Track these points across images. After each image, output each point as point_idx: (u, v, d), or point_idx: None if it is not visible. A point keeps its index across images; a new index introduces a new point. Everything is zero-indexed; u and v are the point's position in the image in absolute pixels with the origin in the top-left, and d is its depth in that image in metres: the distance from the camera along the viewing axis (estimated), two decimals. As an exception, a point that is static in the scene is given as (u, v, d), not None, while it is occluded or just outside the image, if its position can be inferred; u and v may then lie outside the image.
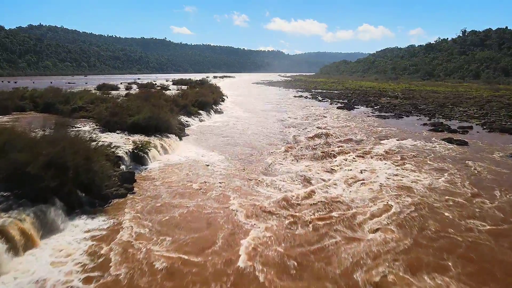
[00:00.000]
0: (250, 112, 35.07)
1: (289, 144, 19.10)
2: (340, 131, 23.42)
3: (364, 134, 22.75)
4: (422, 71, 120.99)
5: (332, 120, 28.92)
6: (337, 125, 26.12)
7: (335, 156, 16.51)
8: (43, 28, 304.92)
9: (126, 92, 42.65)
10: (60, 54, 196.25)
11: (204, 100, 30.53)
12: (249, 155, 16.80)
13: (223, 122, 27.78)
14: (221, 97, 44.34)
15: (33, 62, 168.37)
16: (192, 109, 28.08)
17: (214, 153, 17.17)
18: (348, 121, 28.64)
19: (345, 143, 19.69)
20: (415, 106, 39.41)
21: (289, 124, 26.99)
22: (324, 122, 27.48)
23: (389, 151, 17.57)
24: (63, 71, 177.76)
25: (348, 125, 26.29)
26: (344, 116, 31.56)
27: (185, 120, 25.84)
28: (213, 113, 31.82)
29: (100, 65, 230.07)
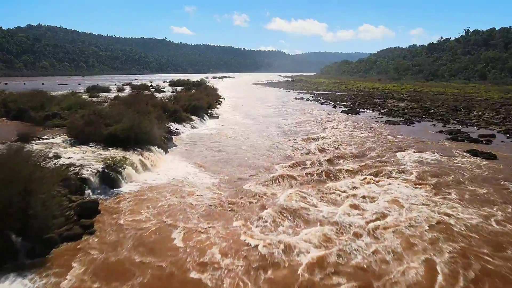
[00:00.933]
0: (248, 117, 32.38)
1: (290, 160, 16.03)
2: (347, 142, 20.79)
3: (376, 144, 20.14)
4: (425, 71, 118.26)
5: (337, 128, 26.19)
6: (344, 134, 23.42)
7: (342, 177, 13.84)
8: (42, 28, 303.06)
9: (116, 94, 40.16)
10: (58, 55, 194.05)
11: (198, 105, 27.95)
12: (244, 179, 13.48)
13: (218, 130, 25.14)
14: (217, 100, 41.80)
15: (30, 62, 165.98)
16: (184, 115, 25.51)
17: (204, 174, 14.35)
18: (355, 128, 25.96)
19: (355, 158, 17.06)
20: (425, 110, 36.79)
21: (291, 132, 24.11)
22: (329, 131, 24.74)
23: (409, 169, 14.92)
24: (61, 72, 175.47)
25: (356, 134, 23.65)
26: (350, 122, 28.91)
27: (174, 128, 23.28)
28: (208, 119, 29.23)
29: (99, 66, 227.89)
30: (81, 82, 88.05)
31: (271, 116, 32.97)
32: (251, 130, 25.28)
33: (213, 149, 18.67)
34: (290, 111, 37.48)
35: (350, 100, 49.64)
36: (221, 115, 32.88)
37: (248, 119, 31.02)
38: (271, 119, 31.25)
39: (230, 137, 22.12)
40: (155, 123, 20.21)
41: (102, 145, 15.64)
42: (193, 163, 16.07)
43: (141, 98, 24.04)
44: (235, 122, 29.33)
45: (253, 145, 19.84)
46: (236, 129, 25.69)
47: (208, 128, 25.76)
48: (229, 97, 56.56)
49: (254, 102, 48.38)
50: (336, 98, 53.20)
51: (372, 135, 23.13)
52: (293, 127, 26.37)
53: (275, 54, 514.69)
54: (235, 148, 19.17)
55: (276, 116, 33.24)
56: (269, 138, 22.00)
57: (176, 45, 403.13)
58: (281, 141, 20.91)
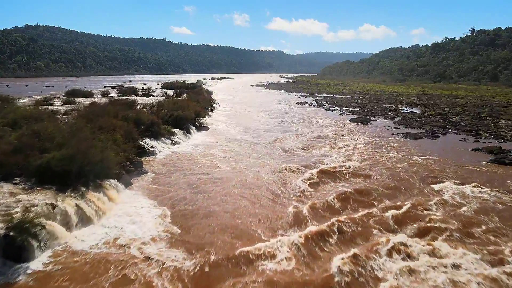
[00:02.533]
0: (244, 130, 27.25)
1: (304, 226, 10.14)
2: (367, 170, 16.20)
3: (404, 173, 15.60)
4: (432, 72, 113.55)
5: (352, 146, 20.96)
6: (360, 157, 18.44)
7: (376, 242, 9.08)
8: (40, 28, 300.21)
9: (97, 100, 35.85)
10: (54, 55, 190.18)
11: (182, 115, 23.47)
12: (227, 259, 8.32)
13: (205, 148, 20.51)
14: (210, 106, 37.39)
15: (24, 63, 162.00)
16: (163, 129, 21.05)
17: (169, 238, 9.48)
18: (371, 146, 21.12)
19: (385, 200, 12.56)
20: (445, 118, 32.28)
21: (299, 159, 17.83)
22: (343, 152, 19.53)
23: (464, 221, 10.41)
24: (56, 73, 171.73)
25: (375, 155, 19.06)
26: (364, 137, 24.25)
27: (149, 146, 18.83)
28: (194, 132, 24.76)
29: (96, 66, 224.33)
30: (72, 83, 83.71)
31: (271, 130, 27.28)
32: (245, 152, 19.63)
33: (191, 186, 13.61)
34: (293, 121, 31.90)
35: (357, 105, 45.13)
36: (212, 126, 28.40)
37: (244, 133, 25.71)
38: (272, 134, 25.45)
39: (218, 165, 16.82)
40: (120, 143, 15.89)
41: (33, 181, 11.26)
42: (161, 207, 11.53)
43: (110, 110, 19.56)
44: (228, 136, 24.30)
45: (249, 184, 13.84)
46: (228, 148, 20.45)
47: (193, 145, 21.22)
48: (225, 101, 52.16)
49: (252, 108, 43.49)
50: (342, 103, 48.69)
51: (394, 156, 18.53)
52: (298, 149, 20.25)
53: (276, 54, 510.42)
54: (224, 187, 13.50)
55: (278, 128, 27.98)
56: (271, 170, 15.80)
57: (176, 45, 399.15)
58: (288, 178, 14.65)
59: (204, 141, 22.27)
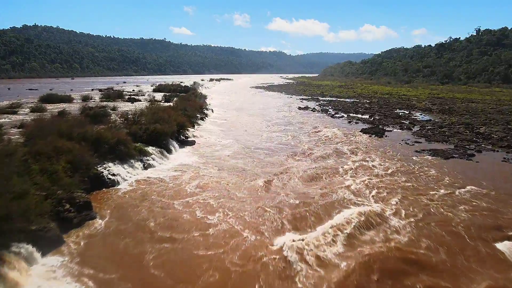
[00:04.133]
0: (238, 149, 21.53)
1: None
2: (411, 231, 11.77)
3: (463, 229, 11.24)
4: (439, 73, 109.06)
5: (373, 177, 15.56)
6: (391, 196, 13.48)
7: None
8: (38, 28, 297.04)
9: (74, 106, 31.88)
10: (50, 55, 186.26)
11: (160, 129, 19.14)
12: None
13: (183, 174, 16.11)
14: (201, 113, 33.11)
15: (18, 63, 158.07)
16: (133, 148, 16.75)
17: None
18: (399, 174, 16.35)
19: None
20: (471, 128, 27.93)
21: (313, 208, 11.98)
22: (365, 189, 14.02)
23: None
24: (52, 73, 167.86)
25: (409, 193, 14.54)
26: (383, 155, 19.82)
27: (110, 173, 14.55)
28: (176, 149, 20.45)
29: (94, 67, 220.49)
30: (61, 85, 79.48)
31: (274, 150, 21.18)
32: (241, 197, 13.08)
33: (150, 254, 9.14)
34: (299, 135, 26.30)
35: (365, 111, 40.77)
36: (201, 139, 24.08)
37: (240, 154, 20.02)
38: (275, 157, 19.23)
39: (196, 214, 11.42)
40: (61, 177, 11.65)
41: None
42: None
43: (62, 126, 15.23)
44: (217, 159, 19.01)
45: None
46: (215, 181, 14.96)
47: (170, 169, 16.88)
48: (221, 105, 47.85)
49: (251, 115, 38.70)
50: (348, 108, 44.32)
51: (437, 194, 13.77)
52: (314, 184, 14.57)
53: (276, 54, 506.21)
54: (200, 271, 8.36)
55: (281, 148, 21.78)
56: (264, 219, 11.11)
57: (175, 46, 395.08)
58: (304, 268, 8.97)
59: (185, 164, 17.85)
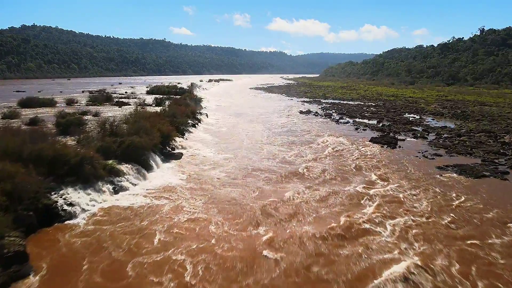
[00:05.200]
0: (231, 162, 18.70)
1: None
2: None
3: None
4: (443, 74, 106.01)
5: (402, 218, 11.64)
6: (441, 254, 9.84)
7: None
8: (36, 29, 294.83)
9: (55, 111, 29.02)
10: (47, 56, 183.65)
11: (138, 143, 16.18)
12: None
13: (158, 205, 12.97)
14: (193, 119, 30.19)
15: (14, 64, 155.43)
16: (102, 167, 13.83)
17: None
18: (434, 212, 12.70)
19: None
20: (495, 137, 24.99)
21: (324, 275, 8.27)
22: (402, 240, 10.54)
23: None
24: (49, 74, 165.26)
25: (458, 248, 11.64)
26: (404, 175, 16.63)
27: (67, 202, 11.64)
28: (158, 164, 17.52)
29: (92, 67, 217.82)
30: (55, 86, 76.57)
31: (274, 172, 16.76)
32: (230, 260, 8.95)
33: None
34: (304, 149, 21.97)
35: (372, 116, 37.81)
36: (189, 151, 21.11)
37: (233, 177, 16.16)
38: (275, 187, 14.71)
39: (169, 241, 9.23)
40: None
41: None
42: None
43: (8, 143, 12.32)
44: (206, 180, 15.51)
45: None
46: (201, 216, 11.61)
47: (146, 194, 13.92)
48: (218, 109, 44.95)
49: (249, 121, 35.11)
50: (353, 112, 41.33)
51: (485, 238, 10.73)
52: (331, 240, 9.92)
53: (277, 55, 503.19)
54: None
55: (284, 168, 17.35)
56: None
57: (175, 46, 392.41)
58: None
59: (165, 186, 14.81)
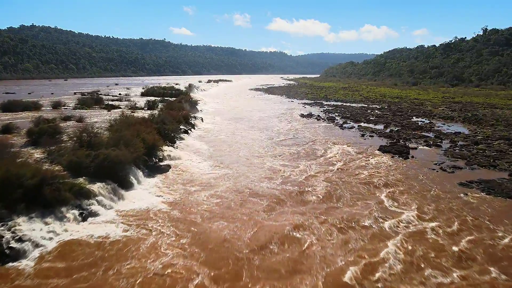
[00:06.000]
0: (225, 181, 15.90)
1: None
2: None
3: None
4: (447, 74, 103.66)
5: (437, 256, 9.38)
6: None
7: None
8: (35, 29, 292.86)
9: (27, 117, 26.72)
10: (45, 56, 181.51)
11: (115, 157, 13.97)
12: None
13: (130, 241, 10.62)
14: (186, 125, 27.98)
15: (11, 64, 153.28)
16: (68, 188, 11.63)
17: None
18: (474, 257, 10.11)
19: None
20: (515, 146, 22.76)
21: None
22: None
23: None
24: (46, 74, 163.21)
25: None
26: (425, 199, 14.24)
27: (15, 237, 9.44)
28: (139, 180, 15.28)
29: (91, 67, 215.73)
30: (49, 87, 74.33)
31: (276, 198, 13.86)
32: None
33: None
34: (308, 163, 18.88)
35: (378, 120, 35.56)
36: (178, 162, 18.85)
37: (226, 205, 13.10)
38: (278, 222, 11.65)
39: None
40: None
41: None
42: None
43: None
44: (193, 208, 12.65)
45: None
46: (180, 269, 8.77)
47: (120, 222, 11.65)
48: (214, 112, 42.70)
49: (248, 127, 32.25)
50: (357, 115, 39.06)
51: None
52: None
53: (277, 55, 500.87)
54: None
55: (287, 190, 14.54)
56: None
57: (175, 46, 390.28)
58: None
59: (144, 210, 12.49)
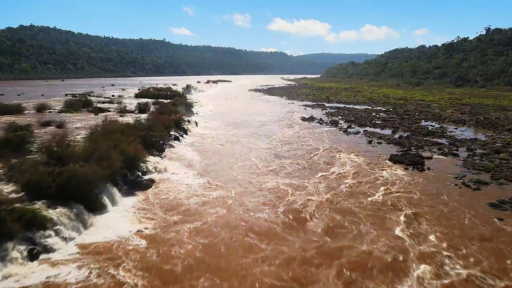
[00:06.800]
0: (218, 208, 13.75)
1: None
2: None
3: None
4: (451, 75, 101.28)
5: None
6: None
7: None
8: (34, 29, 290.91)
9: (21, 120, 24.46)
10: (42, 56, 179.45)
11: (81, 175, 11.70)
12: None
13: (91, 281, 8.68)
14: (178, 130, 25.70)
15: (7, 65, 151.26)
16: (13, 219, 9.34)
17: None
18: None
19: None
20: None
21: None
22: None
23: None
24: (43, 75, 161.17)
25: None
26: (454, 230, 11.65)
27: None
28: (114, 199, 12.97)
29: (89, 68, 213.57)
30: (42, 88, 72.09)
31: (277, 235, 10.51)
32: None
33: None
34: (313, 182, 15.61)
35: (384, 124, 33.25)
36: (163, 176, 16.55)
37: (215, 239, 10.33)
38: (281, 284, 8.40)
39: None
40: None
41: None
42: None
43: None
44: (174, 248, 9.84)
45: None
46: None
47: (80, 261, 9.37)
48: (211, 116, 40.37)
49: (245, 135, 28.90)
50: (362, 119, 36.70)
51: None
52: None
53: (277, 55, 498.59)
54: None
55: (291, 227, 11.96)
56: None
57: (175, 46, 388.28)
58: None
59: (114, 246, 10.14)
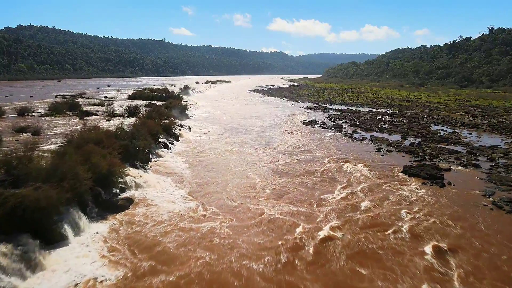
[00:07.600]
0: (198, 243, 12.44)
1: None
2: None
3: None
4: (456, 75, 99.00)
5: None
6: None
7: None
8: (33, 29, 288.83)
9: None
10: (40, 56, 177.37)
11: (31, 202, 9.53)
12: None
13: None
14: (168, 137, 23.52)
15: (4, 65, 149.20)
16: None
17: None
18: None
19: None
20: None
21: None
22: None
23: None
24: (41, 75, 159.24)
25: None
26: (502, 276, 10.04)
27: None
28: (80, 228, 10.76)
29: (88, 68, 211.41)
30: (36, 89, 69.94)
31: None
32: None
33: None
34: (320, 209, 12.45)
35: (393, 129, 31.04)
36: (145, 192, 14.37)
37: None
38: None
39: None
40: None
41: None
42: None
43: None
44: None
45: None
46: None
47: None
48: (206, 119, 38.20)
49: (242, 143, 26.59)
50: (367, 123, 34.48)
51: None
52: None
53: (277, 55, 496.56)
54: None
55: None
56: None
57: (175, 46, 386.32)
58: None
59: None
